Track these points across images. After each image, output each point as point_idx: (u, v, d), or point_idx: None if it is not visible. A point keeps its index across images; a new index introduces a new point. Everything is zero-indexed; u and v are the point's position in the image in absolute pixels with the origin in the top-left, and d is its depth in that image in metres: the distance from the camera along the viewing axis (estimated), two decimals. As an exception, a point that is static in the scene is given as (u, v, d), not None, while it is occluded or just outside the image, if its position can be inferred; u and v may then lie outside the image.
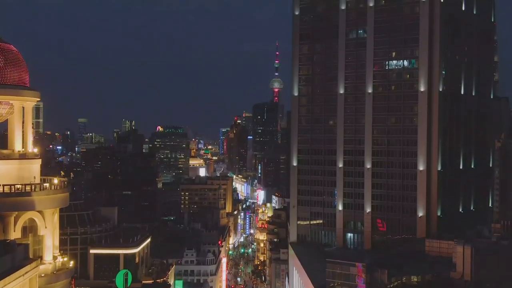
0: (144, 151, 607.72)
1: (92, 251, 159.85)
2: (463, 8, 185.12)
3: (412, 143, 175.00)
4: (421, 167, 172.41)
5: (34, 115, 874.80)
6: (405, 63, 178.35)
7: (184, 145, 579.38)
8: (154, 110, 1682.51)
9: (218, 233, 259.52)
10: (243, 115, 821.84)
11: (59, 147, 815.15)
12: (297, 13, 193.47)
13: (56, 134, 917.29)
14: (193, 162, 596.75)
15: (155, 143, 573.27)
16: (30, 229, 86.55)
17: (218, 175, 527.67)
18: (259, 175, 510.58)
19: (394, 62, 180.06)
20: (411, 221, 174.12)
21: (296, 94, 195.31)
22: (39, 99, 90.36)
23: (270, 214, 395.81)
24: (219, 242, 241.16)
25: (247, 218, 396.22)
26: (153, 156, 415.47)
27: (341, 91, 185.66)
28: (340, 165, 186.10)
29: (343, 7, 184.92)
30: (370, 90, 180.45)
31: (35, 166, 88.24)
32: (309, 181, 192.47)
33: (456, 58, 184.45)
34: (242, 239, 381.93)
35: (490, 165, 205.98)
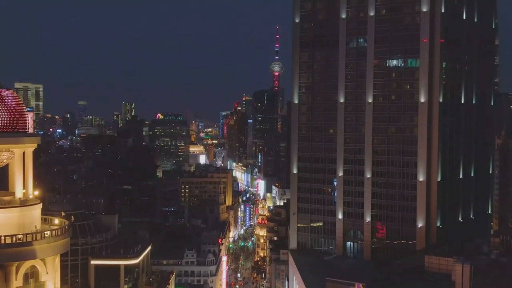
0: (144, 133, 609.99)
1: (92, 262, 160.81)
2: (464, 17, 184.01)
3: (412, 154, 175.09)
4: (421, 178, 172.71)
5: (35, 105, 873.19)
6: (406, 73, 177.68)
7: (184, 133, 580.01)
8: (153, 92, 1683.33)
9: (218, 230, 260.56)
10: (243, 98, 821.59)
11: (59, 130, 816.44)
12: (297, 20, 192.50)
13: (56, 116, 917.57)
14: (193, 149, 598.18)
15: (155, 130, 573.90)
16: (31, 275, 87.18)
17: (218, 165, 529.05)
18: (259, 164, 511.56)
19: (394, 72, 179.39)
20: (410, 231, 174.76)
21: (296, 101, 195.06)
22: (39, 143, 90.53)
23: (270, 204, 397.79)
24: (219, 241, 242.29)
25: (247, 210, 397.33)
26: (153, 150, 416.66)
27: (341, 100, 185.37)
28: (340, 173, 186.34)
29: (343, 15, 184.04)
30: (370, 100, 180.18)
31: (36, 212, 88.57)
32: (309, 189, 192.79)
33: (456, 67, 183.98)
34: (242, 231, 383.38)
35: (490, 172, 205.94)
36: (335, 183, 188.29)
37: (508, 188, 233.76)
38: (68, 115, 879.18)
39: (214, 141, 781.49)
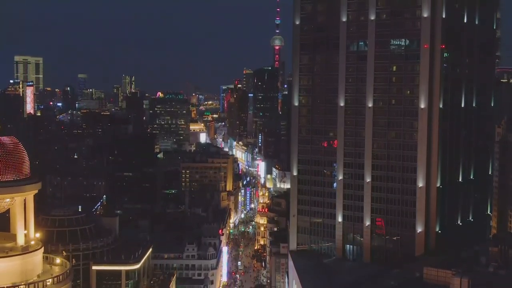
0: (144, 106, 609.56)
1: (94, 267, 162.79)
2: (465, 20, 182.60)
3: (412, 159, 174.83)
4: (421, 183, 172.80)
5: (34, 79, 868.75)
6: (406, 78, 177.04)
7: (184, 111, 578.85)
8: (154, 64, 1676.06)
9: (219, 220, 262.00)
10: (244, 72, 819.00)
11: (59, 104, 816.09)
12: (297, 22, 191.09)
13: (56, 90, 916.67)
14: (193, 127, 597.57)
15: (156, 109, 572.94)
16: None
17: (219, 143, 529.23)
18: (260, 144, 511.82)
19: (395, 76, 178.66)
20: (410, 236, 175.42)
21: (296, 104, 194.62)
22: (40, 188, 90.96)
23: (270, 185, 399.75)
24: (220, 232, 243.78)
25: (248, 194, 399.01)
26: (153, 137, 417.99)
27: (342, 103, 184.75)
28: (340, 177, 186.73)
29: (344, 19, 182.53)
30: (370, 104, 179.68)
31: (38, 257, 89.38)
32: (309, 191, 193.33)
33: (457, 71, 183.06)
34: (242, 215, 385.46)
35: (490, 173, 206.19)
36: (335, 186, 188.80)
37: (508, 182, 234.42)
38: (68, 88, 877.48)
39: (214, 115, 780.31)
